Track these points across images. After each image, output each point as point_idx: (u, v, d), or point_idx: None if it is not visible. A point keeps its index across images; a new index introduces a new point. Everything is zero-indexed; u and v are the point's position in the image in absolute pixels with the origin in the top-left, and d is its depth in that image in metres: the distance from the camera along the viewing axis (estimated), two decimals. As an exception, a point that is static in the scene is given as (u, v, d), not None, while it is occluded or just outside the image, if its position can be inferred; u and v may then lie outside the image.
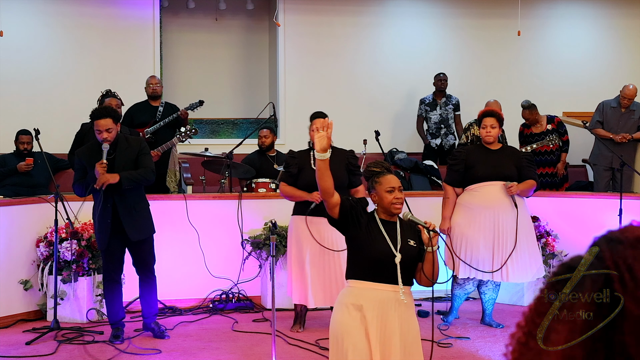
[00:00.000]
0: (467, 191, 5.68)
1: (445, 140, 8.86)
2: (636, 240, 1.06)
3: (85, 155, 5.25)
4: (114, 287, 5.33)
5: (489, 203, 5.57)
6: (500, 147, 5.76)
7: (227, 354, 5.14)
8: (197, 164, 7.77)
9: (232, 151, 6.98)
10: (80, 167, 5.24)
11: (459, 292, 5.86)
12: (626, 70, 10.22)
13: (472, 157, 5.66)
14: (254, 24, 10.33)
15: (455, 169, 5.67)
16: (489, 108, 5.87)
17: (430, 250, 3.33)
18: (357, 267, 3.38)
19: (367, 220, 3.40)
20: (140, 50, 9.06)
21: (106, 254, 5.28)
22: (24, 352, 5.15)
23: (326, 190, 3.34)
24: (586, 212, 6.81)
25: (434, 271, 3.36)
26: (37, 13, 8.80)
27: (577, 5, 10.24)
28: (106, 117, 5.12)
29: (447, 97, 8.94)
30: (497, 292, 5.87)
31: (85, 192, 5.22)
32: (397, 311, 3.31)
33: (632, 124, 8.14)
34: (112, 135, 5.14)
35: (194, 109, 7.38)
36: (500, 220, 5.57)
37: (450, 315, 5.88)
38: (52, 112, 8.43)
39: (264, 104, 8.94)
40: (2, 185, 7.10)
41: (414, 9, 9.84)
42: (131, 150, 5.26)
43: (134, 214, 5.23)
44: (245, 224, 6.51)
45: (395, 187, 3.40)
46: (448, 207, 5.69)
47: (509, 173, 5.59)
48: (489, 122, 5.65)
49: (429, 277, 3.35)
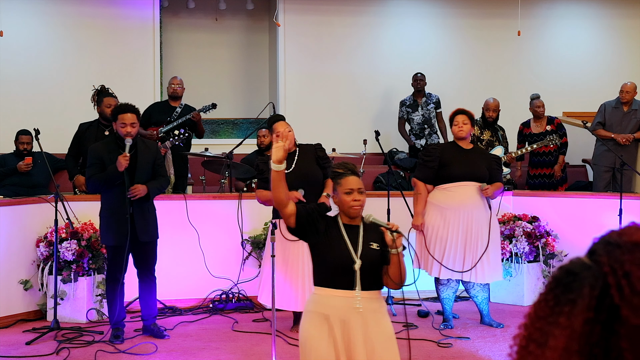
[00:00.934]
0: (440, 190, 5.65)
1: (430, 140, 8.79)
2: (633, 245, 1.05)
3: (103, 150, 5.33)
4: (117, 287, 5.34)
5: (463, 203, 5.57)
6: (473, 147, 5.77)
7: (227, 354, 5.14)
8: (197, 164, 7.77)
9: (232, 151, 6.98)
10: (97, 163, 5.28)
11: (447, 294, 5.78)
12: (626, 70, 10.22)
13: (447, 155, 5.65)
14: (254, 24, 10.33)
15: (430, 165, 5.64)
16: (461, 108, 5.88)
17: (395, 252, 3.21)
18: (320, 273, 3.31)
19: (327, 225, 3.31)
20: (140, 50, 9.07)
21: (115, 252, 5.30)
22: (24, 352, 5.15)
23: (280, 202, 3.27)
24: (586, 212, 6.81)
25: (401, 273, 3.25)
26: (37, 13, 8.80)
27: (577, 5, 10.24)
28: (132, 112, 5.28)
29: (427, 96, 8.84)
30: (487, 290, 5.86)
31: (102, 187, 5.29)
32: (360, 318, 3.20)
33: (634, 124, 8.14)
34: (135, 130, 5.28)
35: (206, 111, 7.41)
36: (473, 220, 5.58)
37: (450, 321, 5.82)
38: (52, 112, 8.43)
39: (264, 104, 8.94)
40: (2, 185, 7.10)
41: (413, 9, 9.84)
42: (149, 154, 5.40)
43: (146, 216, 5.33)
44: (245, 224, 6.51)
45: (354, 189, 3.28)
46: (420, 202, 5.67)
47: (482, 174, 5.62)
48: (460, 119, 5.68)
49: (395, 280, 3.25)
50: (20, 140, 7.33)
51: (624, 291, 1.02)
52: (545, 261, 6.64)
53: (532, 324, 1.08)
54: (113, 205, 5.25)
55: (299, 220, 3.29)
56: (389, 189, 6.56)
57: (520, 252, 6.48)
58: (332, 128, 9.27)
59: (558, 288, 1.08)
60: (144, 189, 5.24)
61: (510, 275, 6.53)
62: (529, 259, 6.53)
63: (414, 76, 8.81)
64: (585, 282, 1.05)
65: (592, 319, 1.03)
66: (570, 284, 1.06)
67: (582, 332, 1.02)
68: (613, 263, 1.04)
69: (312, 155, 5.49)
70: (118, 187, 5.21)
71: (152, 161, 5.39)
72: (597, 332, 1.02)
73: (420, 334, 5.61)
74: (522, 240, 6.47)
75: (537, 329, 1.07)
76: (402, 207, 6.40)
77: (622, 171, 7.16)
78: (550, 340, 1.04)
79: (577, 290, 1.05)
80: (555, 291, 1.08)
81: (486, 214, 5.64)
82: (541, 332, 1.06)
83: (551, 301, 1.07)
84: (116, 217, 5.23)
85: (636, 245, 1.05)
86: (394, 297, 6.45)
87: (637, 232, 1.08)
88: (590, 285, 1.04)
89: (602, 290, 1.03)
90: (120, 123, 5.25)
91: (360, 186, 3.30)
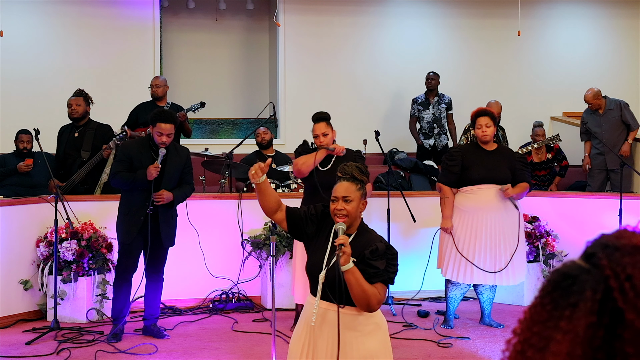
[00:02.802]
0: (462, 193, 5.63)
1: (439, 140, 8.81)
2: (633, 248, 1.04)
3: (134, 150, 5.33)
4: (124, 286, 5.38)
5: (483, 205, 5.55)
6: (496, 148, 5.70)
7: (227, 354, 5.15)
8: (197, 164, 7.76)
9: (232, 151, 6.98)
10: (125, 160, 5.29)
11: (455, 294, 5.76)
12: (626, 70, 10.23)
13: (469, 158, 5.61)
14: (254, 24, 10.33)
15: (454, 170, 5.60)
16: (482, 107, 5.82)
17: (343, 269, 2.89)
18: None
19: (318, 229, 3.18)
20: (140, 50, 9.07)
21: (127, 252, 5.33)
22: (24, 352, 5.15)
23: (267, 210, 3.22)
24: (586, 212, 6.81)
25: (358, 296, 2.91)
26: (37, 13, 8.80)
27: (577, 5, 10.24)
28: (171, 122, 5.23)
29: (440, 96, 8.88)
30: (495, 291, 5.86)
31: (126, 187, 5.30)
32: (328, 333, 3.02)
33: (615, 122, 8.18)
34: (170, 140, 5.27)
35: (194, 110, 7.38)
36: (495, 223, 5.55)
37: (450, 321, 5.80)
38: (52, 112, 8.42)
39: (264, 104, 8.94)
40: (2, 185, 7.09)
41: (413, 9, 9.84)
42: (179, 160, 5.40)
43: (170, 223, 5.39)
44: (245, 224, 6.51)
45: (338, 197, 3.08)
46: (448, 206, 5.62)
47: (503, 177, 5.56)
48: (483, 121, 5.58)
49: (355, 302, 2.94)
50: (20, 139, 7.33)
51: (627, 294, 1.00)
52: (545, 261, 6.64)
53: (528, 329, 1.06)
54: (132, 206, 5.28)
55: (289, 224, 3.24)
56: (389, 189, 6.56)
57: (520, 252, 6.47)
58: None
59: (556, 292, 1.06)
60: (169, 196, 5.27)
61: (510, 275, 6.52)
62: (529, 259, 6.52)
63: (427, 75, 8.87)
64: (586, 285, 1.03)
65: (595, 323, 1.01)
66: (569, 288, 1.04)
67: (585, 336, 1.01)
68: (615, 266, 1.03)
69: (351, 160, 5.53)
70: (141, 190, 5.24)
71: (180, 168, 5.40)
72: (599, 337, 1.01)
73: (420, 334, 5.61)
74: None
75: (535, 333, 1.05)
76: (403, 207, 6.40)
77: (621, 171, 7.16)
78: (552, 345, 1.02)
79: (577, 294, 1.03)
80: (553, 295, 1.06)
81: (511, 215, 5.59)
82: (540, 336, 1.04)
83: (548, 305, 1.05)
84: (133, 216, 5.27)
85: (636, 248, 1.04)
86: (394, 297, 6.46)
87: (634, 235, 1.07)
88: (592, 288, 1.03)
89: (604, 294, 1.02)
90: (157, 131, 5.21)
91: (347, 194, 3.07)
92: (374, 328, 3.05)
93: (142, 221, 5.23)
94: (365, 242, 3.03)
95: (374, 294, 2.92)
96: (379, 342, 3.07)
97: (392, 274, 3.00)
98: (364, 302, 2.92)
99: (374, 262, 2.95)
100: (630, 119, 8.20)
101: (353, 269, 2.89)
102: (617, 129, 8.19)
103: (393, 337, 5.52)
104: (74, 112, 6.83)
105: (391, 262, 3.00)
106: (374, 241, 3.02)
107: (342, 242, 2.87)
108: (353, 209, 3.06)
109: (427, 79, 8.86)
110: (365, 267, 2.94)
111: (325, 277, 3.01)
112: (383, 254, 2.97)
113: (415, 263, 6.72)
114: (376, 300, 2.93)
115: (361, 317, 3.01)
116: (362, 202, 3.12)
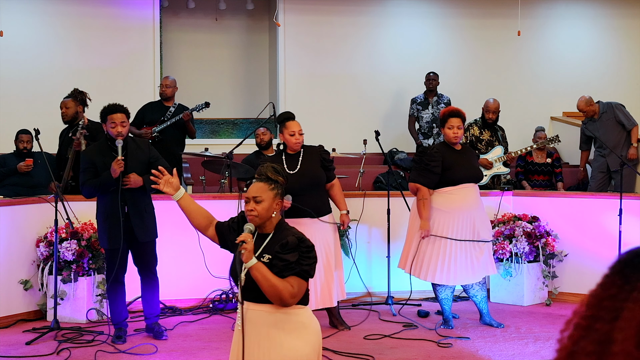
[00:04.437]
0: (441, 193, 5.58)
1: (438, 140, 8.82)
2: None
3: (95, 154, 5.27)
4: (118, 288, 5.34)
5: (467, 205, 5.56)
6: (463, 147, 5.76)
7: (227, 354, 5.12)
8: (197, 164, 7.78)
9: (232, 151, 6.98)
10: (90, 167, 5.22)
11: (446, 294, 5.72)
12: (626, 70, 10.23)
13: (448, 159, 5.59)
14: (254, 24, 10.34)
15: (436, 170, 5.54)
16: (454, 107, 5.84)
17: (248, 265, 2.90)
18: None
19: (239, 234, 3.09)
20: (140, 50, 9.07)
21: (112, 254, 5.26)
22: (24, 352, 5.15)
23: (198, 228, 3.24)
24: (586, 212, 6.81)
25: (270, 291, 2.89)
26: (37, 13, 8.81)
27: (577, 5, 10.24)
28: (120, 111, 5.22)
29: (439, 96, 8.90)
30: (485, 288, 5.85)
31: (97, 193, 5.25)
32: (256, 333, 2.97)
33: (611, 124, 8.19)
34: (126, 129, 5.22)
35: (199, 110, 7.41)
36: (475, 222, 5.57)
37: (450, 321, 5.78)
38: (52, 112, 8.41)
39: (264, 104, 8.94)
40: (2, 185, 7.10)
41: (413, 9, 9.84)
42: (141, 152, 5.32)
43: (144, 216, 5.29)
44: (245, 224, 6.50)
45: (250, 197, 3.07)
46: (427, 207, 5.53)
47: (480, 174, 5.76)
48: (455, 122, 5.59)
49: (269, 299, 2.93)
50: (20, 139, 7.33)
51: None
52: (545, 261, 6.64)
53: (597, 304, 1.14)
54: (108, 209, 5.21)
55: (220, 239, 3.23)
56: (389, 189, 6.56)
57: (520, 252, 6.47)
58: (332, 128, 9.27)
59: (627, 268, 1.14)
60: (137, 179, 5.15)
61: (510, 275, 6.53)
62: (529, 259, 6.52)
63: (427, 75, 8.89)
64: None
65: None
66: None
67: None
68: None
69: (317, 157, 5.51)
70: (112, 192, 5.17)
71: (145, 160, 5.28)
72: None
73: (420, 334, 5.61)
74: (522, 240, 6.46)
75: (605, 307, 1.12)
76: (402, 207, 6.41)
77: (621, 171, 7.16)
78: (624, 314, 1.10)
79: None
80: (624, 271, 1.14)
81: (482, 211, 5.70)
82: (609, 309, 1.12)
83: (619, 280, 1.13)
84: (111, 220, 5.19)
85: None
86: (394, 297, 6.46)
87: None
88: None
89: None
90: (110, 124, 5.18)
91: (257, 194, 3.06)
92: (299, 327, 2.99)
93: (122, 222, 5.17)
94: (280, 239, 3.01)
95: (285, 288, 2.89)
96: (305, 343, 2.99)
97: (305, 267, 2.95)
98: (276, 296, 2.89)
99: (284, 255, 2.93)
100: (624, 119, 8.21)
101: (257, 264, 2.89)
102: (614, 130, 8.20)
103: (393, 337, 5.53)
104: (63, 115, 6.85)
105: (305, 255, 2.95)
106: (287, 236, 3.00)
107: (242, 239, 2.87)
108: (264, 210, 3.04)
109: (428, 79, 8.87)
110: (277, 262, 2.93)
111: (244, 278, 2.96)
112: (295, 247, 2.94)
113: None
114: (289, 294, 2.90)
115: (282, 315, 2.96)
116: (277, 201, 3.09)
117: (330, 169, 5.56)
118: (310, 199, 5.33)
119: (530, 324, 5.92)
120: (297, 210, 5.28)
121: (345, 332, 5.67)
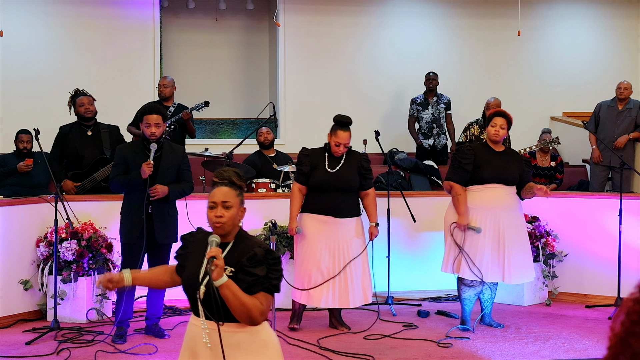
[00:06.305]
0: (469, 191, 5.63)
1: (438, 140, 8.82)
2: None
3: (128, 151, 5.38)
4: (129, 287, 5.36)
5: (491, 204, 5.56)
6: (505, 150, 5.74)
7: (227, 354, 5.14)
8: (197, 164, 7.77)
9: (232, 151, 6.98)
10: (122, 163, 5.33)
11: (469, 294, 5.68)
12: (626, 70, 10.23)
13: (480, 157, 5.62)
14: (254, 24, 10.34)
15: (467, 168, 5.59)
16: (502, 109, 5.86)
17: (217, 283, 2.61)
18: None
19: (195, 242, 2.87)
20: (140, 50, 9.07)
21: (128, 252, 5.33)
22: (24, 352, 5.15)
23: (167, 286, 3.01)
24: (586, 212, 6.81)
25: (233, 309, 2.63)
26: (37, 13, 8.81)
27: (577, 5, 10.24)
28: (157, 112, 5.29)
29: (439, 96, 8.91)
30: (495, 291, 5.85)
31: (123, 190, 5.36)
32: (210, 354, 2.71)
33: (629, 122, 8.17)
34: (160, 130, 5.29)
35: (199, 109, 7.41)
36: (500, 222, 5.55)
37: (468, 322, 5.71)
38: (52, 112, 8.43)
39: (264, 104, 8.94)
40: (2, 185, 7.09)
41: (413, 9, 9.84)
42: (175, 157, 5.40)
43: (166, 219, 5.37)
44: (245, 224, 6.48)
45: (217, 202, 2.78)
46: (463, 202, 5.57)
47: (512, 178, 5.62)
48: (499, 121, 5.61)
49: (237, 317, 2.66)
50: (20, 139, 7.33)
51: None
52: (545, 261, 6.64)
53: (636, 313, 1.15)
54: (132, 206, 5.31)
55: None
56: (389, 189, 6.56)
57: (521, 252, 6.46)
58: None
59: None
60: (164, 189, 5.27)
61: (510, 275, 6.52)
62: (529, 259, 6.52)
63: (427, 75, 8.90)
64: None
65: None
66: None
67: None
68: None
69: (356, 164, 5.61)
70: (139, 190, 5.27)
71: (176, 165, 5.40)
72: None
73: (420, 334, 5.61)
74: (522, 240, 6.46)
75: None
76: (403, 207, 6.41)
77: (621, 171, 7.16)
78: None
79: None
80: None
81: (517, 215, 5.65)
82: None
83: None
84: (133, 216, 5.29)
85: None
86: (394, 297, 6.46)
87: None
88: None
89: None
90: (145, 123, 5.28)
91: (226, 199, 2.78)
92: (261, 346, 2.73)
93: (143, 220, 5.24)
94: (243, 250, 2.74)
95: (255, 306, 2.64)
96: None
97: (274, 281, 2.70)
98: (245, 316, 2.64)
99: (252, 269, 2.67)
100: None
101: (228, 282, 2.60)
102: (628, 128, 8.17)
103: (393, 337, 5.53)
104: (88, 111, 6.77)
105: (273, 268, 2.70)
106: (253, 247, 2.72)
107: (213, 254, 2.58)
108: (231, 216, 2.77)
109: (428, 79, 8.87)
110: (244, 276, 2.67)
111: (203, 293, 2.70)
112: (262, 260, 2.69)
113: (415, 263, 6.73)
114: (258, 311, 2.65)
115: (244, 334, 2.70)
116: (241, 208, 2.83)
117: (367, 178, 5.66)
118: (337, 198, 5.51)
119: (530, 324, 5.93)
120: (319, 207, 5.49)
121: (345, 332, 5.67)
